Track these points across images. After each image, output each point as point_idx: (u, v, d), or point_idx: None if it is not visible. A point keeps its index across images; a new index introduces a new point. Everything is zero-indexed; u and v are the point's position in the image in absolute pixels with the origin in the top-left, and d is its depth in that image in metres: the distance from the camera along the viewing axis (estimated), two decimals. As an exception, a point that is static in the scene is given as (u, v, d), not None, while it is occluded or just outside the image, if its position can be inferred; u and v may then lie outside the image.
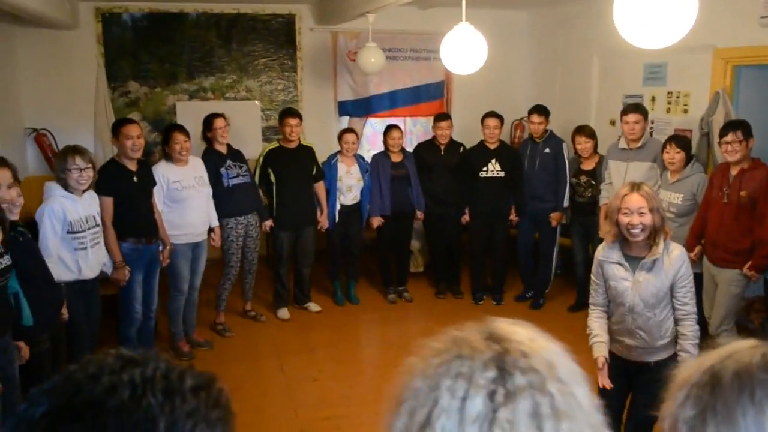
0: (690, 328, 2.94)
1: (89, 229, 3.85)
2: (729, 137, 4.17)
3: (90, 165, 3.81)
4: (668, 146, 4.64)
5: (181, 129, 4.75)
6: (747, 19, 4.82)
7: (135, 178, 4.32)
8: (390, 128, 6.01)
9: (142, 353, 0.75)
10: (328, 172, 5.74)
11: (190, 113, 6.78)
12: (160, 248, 4.57)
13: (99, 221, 3.98)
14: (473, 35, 3.78)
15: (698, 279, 4.60)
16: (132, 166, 4.32)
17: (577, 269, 5.88)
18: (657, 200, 2.91)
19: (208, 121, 5.16)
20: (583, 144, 5.54)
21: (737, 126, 4.21)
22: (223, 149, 5.19)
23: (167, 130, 4.80)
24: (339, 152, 5.84)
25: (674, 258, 2.91)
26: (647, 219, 2.85)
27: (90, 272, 3.89)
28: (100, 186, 4.16)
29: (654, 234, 2.89)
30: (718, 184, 4.31)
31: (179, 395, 0.70)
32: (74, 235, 3.76)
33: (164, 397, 0.68)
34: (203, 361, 4.81)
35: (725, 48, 5.08)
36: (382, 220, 5.91)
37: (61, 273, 3.70)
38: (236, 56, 7.06)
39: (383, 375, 4.78)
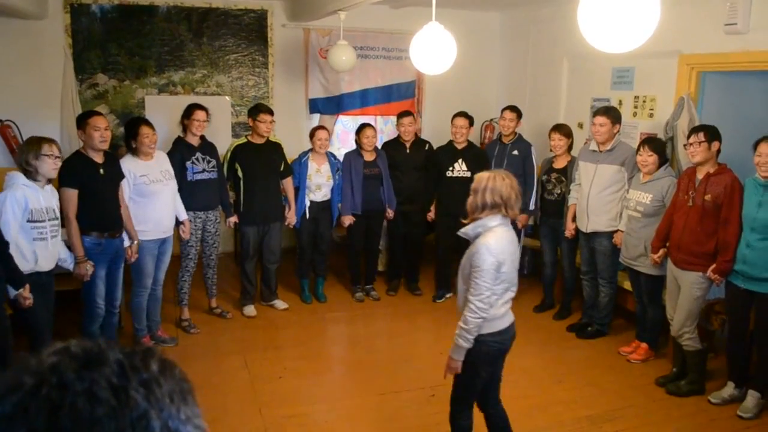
0: (464, 314, 3.00)
1: (49, 220, 3.81)
2: (691, 138, 4.27)
3: (60, 154, 3.83)
4: (642, 149, 4.72)
5: (147, 122, 4.67)
6: (712, 26, 4.91)
7: (101, 171, 4.25)
8: (363, 127, 5.97)
9: (85, 345, 0.70)
10: (297, 169, 5.71)
11: (159, 107, 6.73)
12: (126, 243, 4.51)
13: (58, 214, 3.93)
14: (442, 35, 3.78)
15: (662, 281, 4.69)
16: (98, 159, 4.24)
17: (544, 270, 5.95)
18: (482, 185, 3.01)
19: (190, 110, 5.10)
20: (556, 141, 5.57)
21: (700, 128, 4.30)
22: (194, 141, 5.13)
23: (133, 124, 4.67)
24: (311, 150, 5.81)
25: (478, 244, 2.97)
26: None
27: (46, 264, 3.85)
28: (65, 178, 4.10)
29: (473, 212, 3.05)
30: (684, 187, 4.38)
31: (155, 382, 0.68)
32: (34, 224, 3.71)
33: (144, 388, 0.67)
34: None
35: (691, 54, 5.17)
36: (354, 219, 5.90)
37: (17, 263, 3.64)
38: (207, 51, 7.00)
39: (349, 373, 4.79)
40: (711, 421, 4.10)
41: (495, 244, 2.93)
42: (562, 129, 5.62)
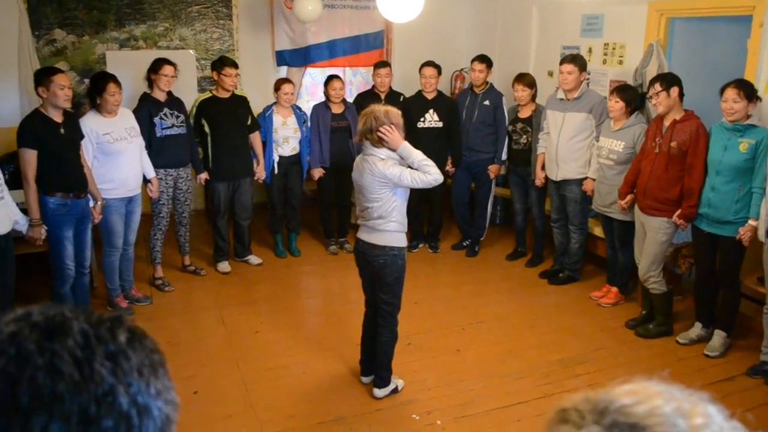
0: None
1: None
2: (650, 91, 4.31)
3: None
4: (611, 96, 4.75)
5: (115, 79, 4.51)
6: (681, -29, 4.89)
7: (62, 130, 4.12)
8: (331, 78, 5.89)
9: (48, 313, 0.65)
10: (263, 124, 5.63)
11: (121, 63, 6.52)
12: (91, 203, 4.42)
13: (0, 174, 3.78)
14: (411, -18, 3.72)
15: (631, 227, 4.76)
16: (58, 118, 4.11)
17: (516, 218, 6.00)
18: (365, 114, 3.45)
19: (158, 64, 4.96)
20: (520, 92, 5.57)
21: (656, 79, 4.32)
22: (161, 97, 5.01)
23: (99, 79, 4.53)
24: (275, 103, 5.72)
25: None
26: None
27: (1, 227, 3.71)
28: (24, 138, 3.98)
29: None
30: (651, 134, 4.42)
31: (122, 355, 0.64)
32: None
33: (111, 361, 0.63)
34: (143, 317, 4.74)
35: (660, 0, 5.15)
36: (323, 172, 5.87)
37: None
38: (168, 3, 6.77)
39: (325, 325, 4.82)
40: (679, 361, 4.23)
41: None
42: (524, 79, 5.60)
